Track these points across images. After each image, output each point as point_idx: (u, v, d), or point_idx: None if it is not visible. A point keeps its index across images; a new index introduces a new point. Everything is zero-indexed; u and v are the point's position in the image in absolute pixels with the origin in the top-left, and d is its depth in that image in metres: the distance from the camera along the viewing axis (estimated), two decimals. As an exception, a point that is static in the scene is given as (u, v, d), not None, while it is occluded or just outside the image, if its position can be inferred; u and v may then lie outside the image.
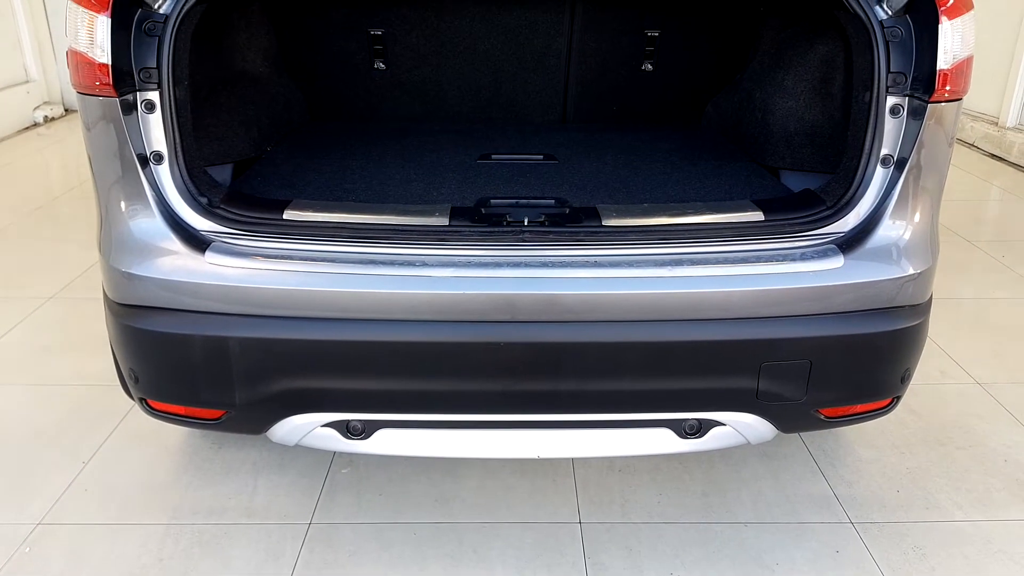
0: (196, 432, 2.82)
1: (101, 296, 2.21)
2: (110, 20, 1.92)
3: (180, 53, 2.06)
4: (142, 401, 2.21)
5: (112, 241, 2.08)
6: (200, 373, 2.06)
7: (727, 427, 2.19)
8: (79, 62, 1.97)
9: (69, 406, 3.00)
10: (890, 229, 2.11)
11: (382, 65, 3.44)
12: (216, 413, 2.15)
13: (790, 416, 2.21)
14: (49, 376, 3.20)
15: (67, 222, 4.92)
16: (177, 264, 2.01)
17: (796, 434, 2.85)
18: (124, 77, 1.97)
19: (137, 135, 2.02)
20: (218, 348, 2.02)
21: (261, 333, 2.01)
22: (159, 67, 2.00)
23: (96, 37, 1.93)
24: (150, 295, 2.04)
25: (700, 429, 2.20)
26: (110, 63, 1.94)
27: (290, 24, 3.31)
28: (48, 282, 3.98)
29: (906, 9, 2.09)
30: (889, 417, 2.72)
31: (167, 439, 2.80)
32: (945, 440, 2.87)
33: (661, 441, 2.21)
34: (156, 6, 2.02)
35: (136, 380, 2.15)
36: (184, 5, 2.04)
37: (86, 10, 1.93)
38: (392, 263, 2.00)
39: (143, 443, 2.79)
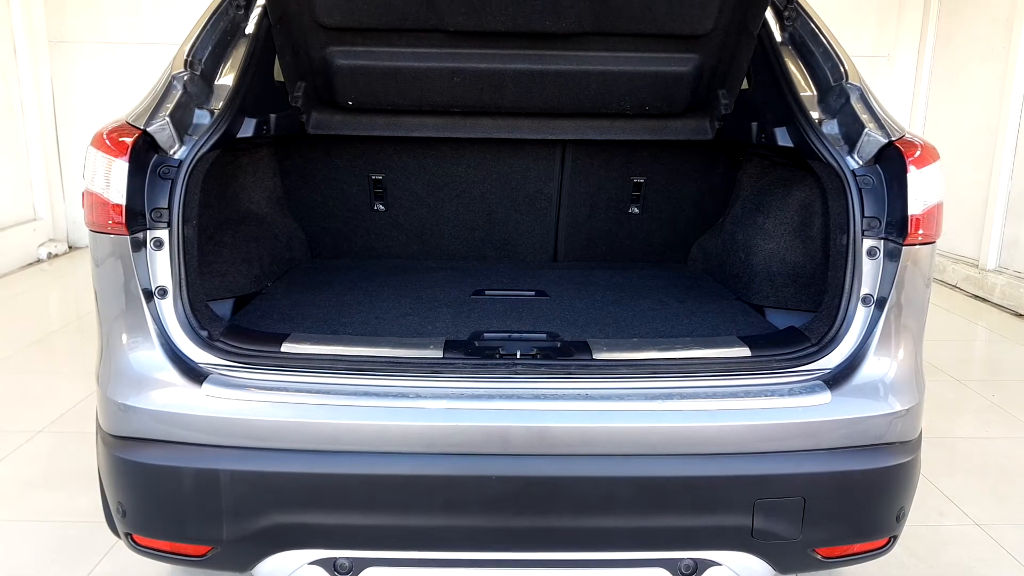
0: (179, 570, 2.73)
1: (89, 430, 2.21)
2: (128, 164, 2.04)
3: (191, 195, 2.17)
4: (128, 536, 2.17)
5: (111, 373, 2.10)
6: (189, 507, 2.04)
7: (723, 567, 2.14)
8: (94, 202, 2.07)
9: (50, 542, 2.92)
10: (875, 366, 2.15)
11: (381, 207, 3.58)
12: (203, 549, 2.10)
13: (787, 556, 2.17)
14: (32, 511, 3.13)
15: (62, 356, 4.94)
16: (174, 396, 2.03)
17: (795, 576, 2.77)
18: (136, 217, 2.07)
19: (144, 270, 2.09)
20: (209, 481, 2.01)
21: (253, 466, 2.00)
22: (170, 207, 2.10)
23: (112, 180, 2.04)
24: (144, 427, 2.05)
25: (696, 569, 2.15)
26: (124, 204, 2.03)
27: (295, 167, 3.47)
28: (38, 415, 3.95)
29: (876, 159, 2.24)
30: (890, 559, 2.66)
31: (148, 579, 2.71)
32: (948, 584, 2.80)
33: (657, 582, 2.16)
34: (171, 152, 2.15)
35: (123, 514, 2.11)
36: (198, 152, 2.17)
37: (105, 155, 2.05)
38: (386, 395, 2.02)
39: (123, 583, 2.70)
